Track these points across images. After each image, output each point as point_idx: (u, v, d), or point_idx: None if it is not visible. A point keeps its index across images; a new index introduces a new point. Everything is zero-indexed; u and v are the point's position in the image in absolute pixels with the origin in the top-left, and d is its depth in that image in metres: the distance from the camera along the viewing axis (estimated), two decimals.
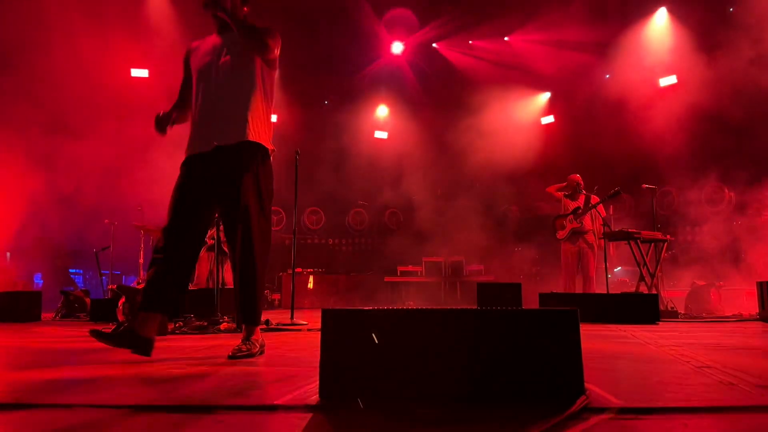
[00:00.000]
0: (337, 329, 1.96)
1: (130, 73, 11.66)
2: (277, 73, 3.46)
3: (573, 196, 8.23)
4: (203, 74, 3.32)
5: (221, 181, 3.14)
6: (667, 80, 11.45)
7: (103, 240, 9.58)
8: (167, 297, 3.12)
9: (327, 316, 1.97)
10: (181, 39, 11.36)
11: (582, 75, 12.68)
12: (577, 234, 8.10)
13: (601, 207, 8.16)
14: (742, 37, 9.65)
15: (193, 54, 3.45)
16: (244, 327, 3.23)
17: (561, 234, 8.21)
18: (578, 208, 8.08)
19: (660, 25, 11.61)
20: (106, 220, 9.56)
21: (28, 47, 10.22)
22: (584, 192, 8.13)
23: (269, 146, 3.29)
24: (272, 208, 11.91)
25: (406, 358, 1.90)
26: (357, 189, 13.83)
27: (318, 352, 1.93)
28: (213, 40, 3.42)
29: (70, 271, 11.42)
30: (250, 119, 3.17)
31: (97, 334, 2.86)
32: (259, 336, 3.25)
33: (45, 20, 10.14)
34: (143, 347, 2.94)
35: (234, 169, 3.12)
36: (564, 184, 8.37)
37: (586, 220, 8.11)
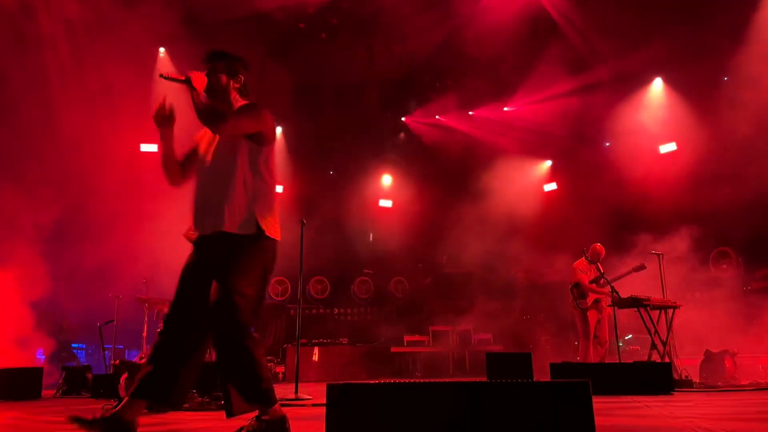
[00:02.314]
0: (343, 405, 1.91)
1: (139, 147, 11.90)
2: (274, 146, 3.34)
3: (591, 266, 8.18)
4: (197, 157, 3.37)
5: (209, 266, 3.11)
6: (667, 147, 11.62)
7: (107, 314, 9.50)
8: (164, 386, 2.97)
9: (332, 391, 1.93)
10: (190, 112, 11.68)
11: (582, 143, 12.91)
12: (598, 302, 8.05)
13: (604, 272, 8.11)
14: (737, 104, 9.87)
15: (201, 132, 3.48)
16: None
17: (584, 303, 8.11)
18: (599, 276, 8.02)
19: (657, 93, 11.91)
20: (111, 293, 9.51)
21: (37, 123, 10.48)
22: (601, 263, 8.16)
23: (246, 231, 3.09)
24: (277, 278, 11.75)
25: None
26: (362, 257, 13.81)
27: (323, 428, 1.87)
28: None
29: (73, 345, 11.27)
30: (226, 209, 3.07)
31: (78, 421, 2.69)
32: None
33: (54, 95, 10.47)
34: None
35: (213, 258, 3.09)
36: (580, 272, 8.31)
37: (604, 289, 8.07)
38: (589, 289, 8.08)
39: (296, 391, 5.75)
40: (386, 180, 14.75)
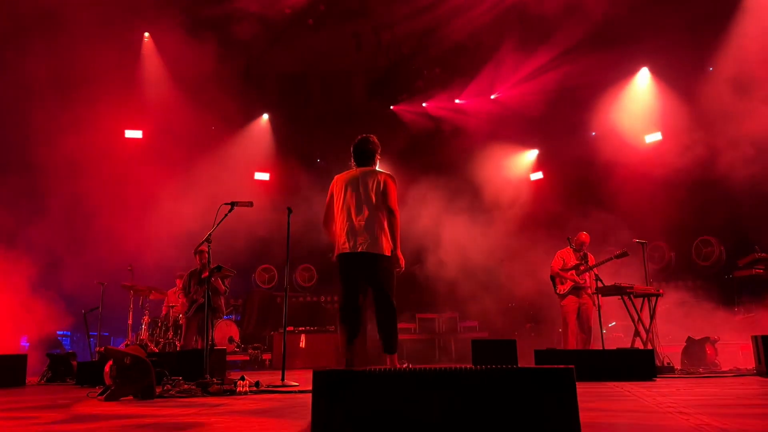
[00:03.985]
0: (329, 392, 1.92)
1: (124, 134, 11.78)
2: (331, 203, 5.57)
3: (576, 254, 8.22)
4: None
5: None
6: (653, 137, 11.71)
7: (92, 301, 9.45)
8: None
9: (318, 378, 1.94)
10: (175, 99, 11.59)
11: (568, 132, 12.95)
12: (578, 289, 8.09)
13: (593, 262, 8.17)
14: (723, 95, 9.96)
15: None
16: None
17: (562, 289, 8.17)
18: (580, 264, 8.08)
19: (643, 83, 11.97)
20: (96, 280, 9.43)
21: (19, 110, 10.33)
22: (586, 251, 8.19)
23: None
24: (264, 266, 11.86)
25: (402, 420, 1.86)
26: None
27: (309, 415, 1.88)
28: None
29: (58, 333, 11.19)
30: None
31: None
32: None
33: (37, 81, 10.31)
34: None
35: None
36: (559, 262, 8.35)
37: (586, 276, 8.13)
38: (558, 275, 8.18)
39: (283, 378, 5.76)
40: None
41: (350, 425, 1.88)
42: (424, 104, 14.24)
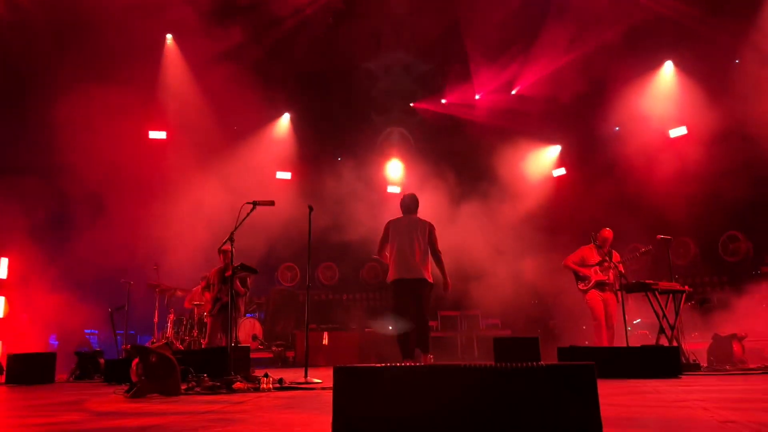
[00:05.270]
0: (350, 388, 1.94)
1: (148, 135, 11.94)
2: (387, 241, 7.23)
3: (599, 251, 8.15)
4: None
5: None
6: (677, 131, 11.52)
7: (118, 299, 9.62)
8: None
9: (339, 374, 1.96)
10: (198, 100, 11.72)
11: (592, 128, 12.81)
12: (602, 285, 8.04)
13: (617, 259, 8.09)
14: (749, 88, 9.78)
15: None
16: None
17: (584, 285, 8.13)
18: (604, 260, 8.02)
19: (667, 77, 11.78)
20: (122, 280, 9.60)
21: (45, 112, 10.51)
22: (610, 248, 8.13)
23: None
24: (287, 264, 12.11)
25: (423, 416, 1.87)
26: (371, 243, 13.79)
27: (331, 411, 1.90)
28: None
29: (86, 331, 11.41)
30: None
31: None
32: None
33: (62, 82, 10.49)
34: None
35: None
36: (577, 255, 8.32)
37: (610, 273, 8.07)
38: (569, 268, 8.18)
39: (306, 375, 5.81)
40: (394, 166, 14.68)
41: (371, 420, 1.90)
42: (443, 100, 14.19)
